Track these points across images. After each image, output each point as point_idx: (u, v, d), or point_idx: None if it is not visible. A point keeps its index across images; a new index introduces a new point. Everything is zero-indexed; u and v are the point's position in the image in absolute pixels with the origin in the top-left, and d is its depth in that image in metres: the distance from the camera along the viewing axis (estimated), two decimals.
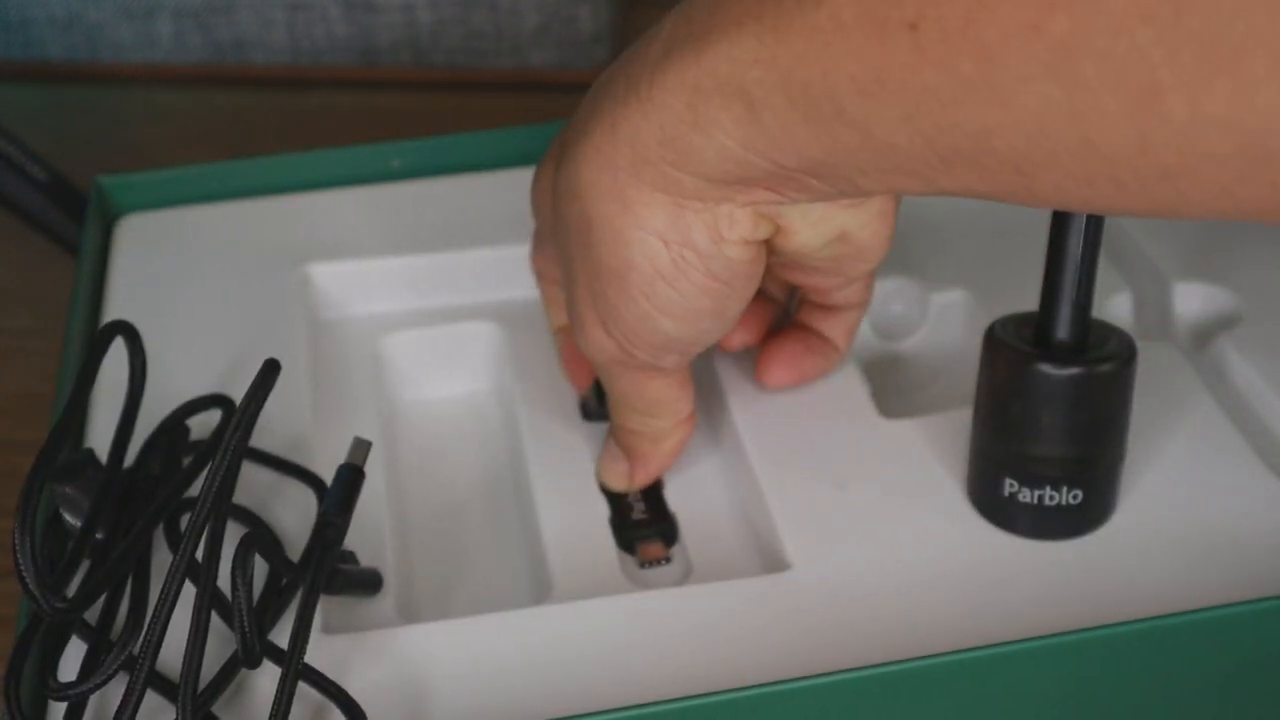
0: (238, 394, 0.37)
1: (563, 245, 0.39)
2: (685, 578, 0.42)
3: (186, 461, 0.40)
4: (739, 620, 0.38)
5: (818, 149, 0.32)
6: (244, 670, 0.36)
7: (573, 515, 0.43)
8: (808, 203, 0.35)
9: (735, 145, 0.33)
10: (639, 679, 0.37)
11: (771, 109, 0.32)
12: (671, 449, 0.43)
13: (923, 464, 0.42)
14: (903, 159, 0.31)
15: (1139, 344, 0.39)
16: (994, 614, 0.38)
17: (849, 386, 0.45)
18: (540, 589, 0.42)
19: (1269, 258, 0.49)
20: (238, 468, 0.35)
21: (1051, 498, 0.39)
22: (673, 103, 0.33)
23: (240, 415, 0.35)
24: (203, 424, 0.42)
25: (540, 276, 0.46)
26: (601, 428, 0.45)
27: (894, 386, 0.48)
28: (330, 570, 0.37)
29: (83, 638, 0.37)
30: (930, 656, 0.35)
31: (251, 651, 0.34)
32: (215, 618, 0.36)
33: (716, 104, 0.32)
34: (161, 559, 0.39)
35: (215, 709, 0.36)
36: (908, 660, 0.35)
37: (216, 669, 0.36)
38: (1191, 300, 0.48)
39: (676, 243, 0.36)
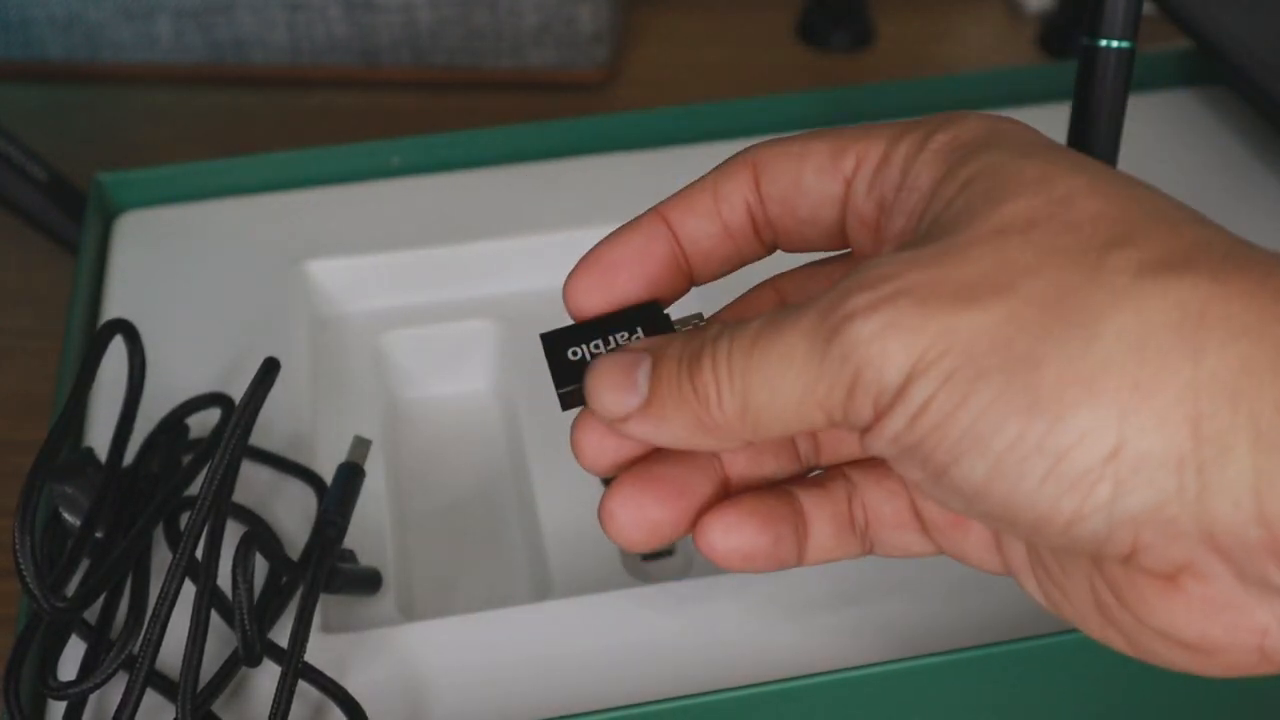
0: (237, 392, 0.37)
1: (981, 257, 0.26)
2: (687, 570, 0.42)
3: (186, 460, 0.40)
4: (742, 613, 0.38)
5: None
6: (244, 669, 0.36)
7: (573, 510, 0.42)
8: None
9: None
10: (642, 674, 0.37)
11: None
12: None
13: None
14: None
15: None
16: (994, 613, 0.38)
17: None
18: (541, 585, 0.42)
19: None
20: (237, 466, 0.35)
21: None
22: None
23: (240, 414, 0.35)
24: (202, 422, 0.42)
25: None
26: None
27: None
28: (330, 569, 0.37)
29: (82, 637, 0.37)
30: (930, 656, 0.35)
31: (252, 650, 0.34)
32: (215, 616, 0.36)
33: None
34: (161, 558, 0.39)
35: (215, 708, 0.36)
36: (908, 660, 0.35)
37: (216, 668, 0.36)
38: None
39: (1116, 471, 0.24)
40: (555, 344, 0.31)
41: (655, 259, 0.31)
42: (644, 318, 0.31)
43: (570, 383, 0.30)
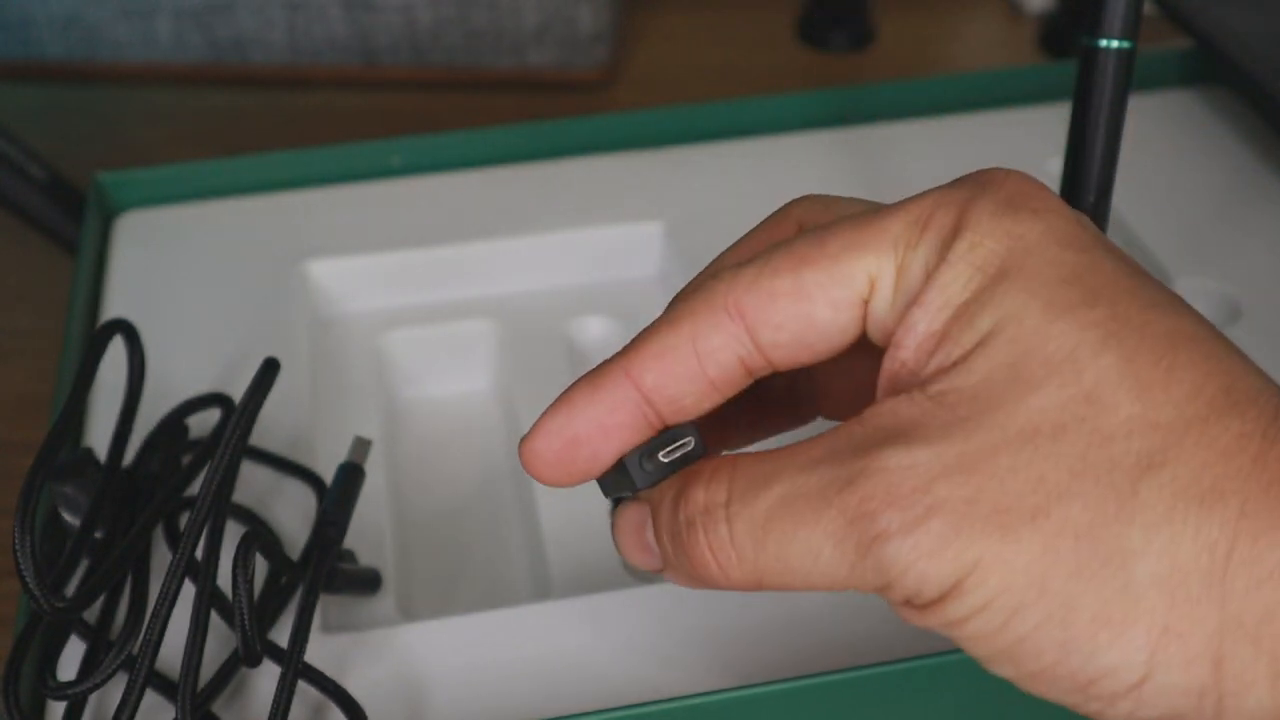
0: (237, 392, 0.37)
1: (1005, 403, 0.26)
2: None
3: (186, 460, 0.40)
4: (741, 614, 0.38)
5: None
6: (243, 669, 0.36)
7: (573, 510, 0.42)
8: None
9: None
10: (642, 674, 0.37)
11: None
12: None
13: None
14: None
15: None
16: None
17: None
18: (541, 585, 0.41)
19: (1270, 253, 0.49)
20: (237, 466, 0.35)
21: None
22: None
23: (240, 414, 0.35)
24: (202, 422, 0.42)
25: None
26: None
27: None
28: (330, 569, 0.37)
29: (82, 637, 0.37)
30: (930, 656, 0.35)
31: (252, 650, 0.34)
32: (214, 616, 0.36)
33: None
34: (161, 558, 0.39)
35: (215, 708, 0.36)
36: (908, 660, 0.35)
37: (216, 668, 0.36)
38: (1193, 295, 0.48)
39: (1143, 695, 0.25)
40: None
41: (621, 431, 0.29)
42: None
43: (613, 492, 0.30)
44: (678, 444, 0.29)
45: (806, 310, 0.28)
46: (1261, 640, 0.24)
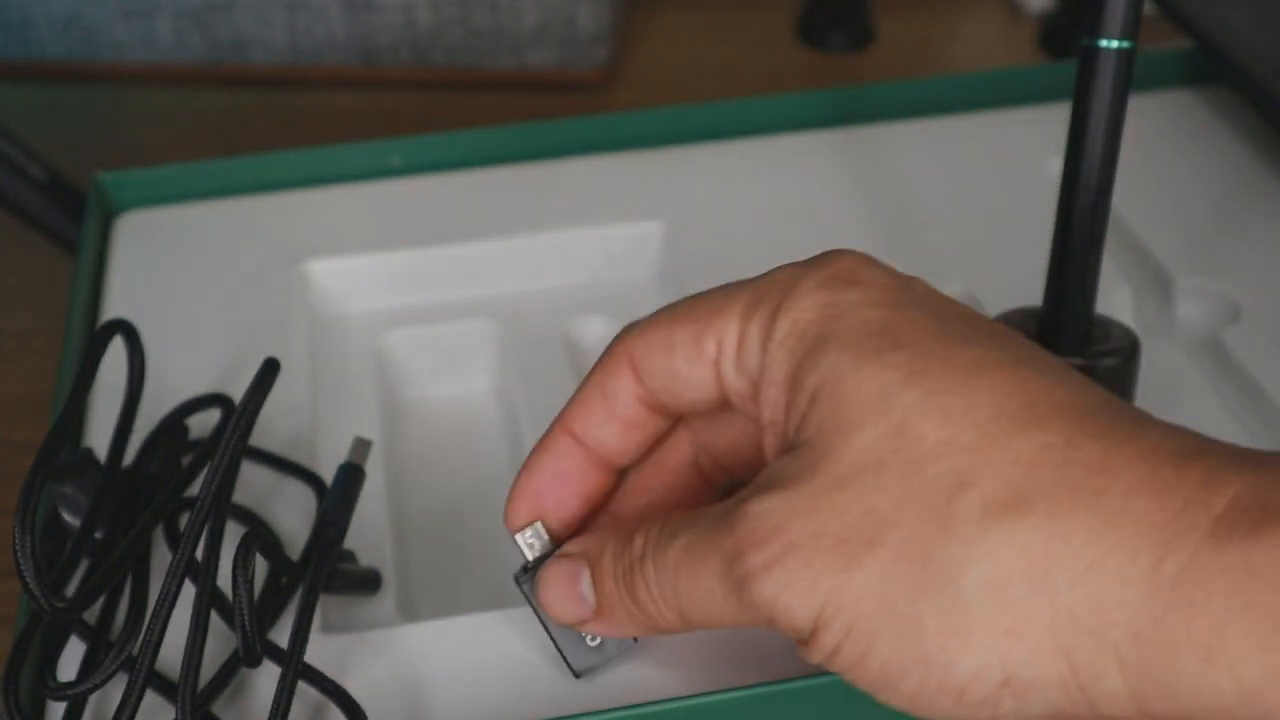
0: (237, 392, 0.37)
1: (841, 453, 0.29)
2: None
3: (186, 461, 0.40)
4: None
5: None
6: (243, 670, 0.36)
7: None
8: None
9: (1246, 686, 0.25)
10: (641, 675, 0.37)
11: None
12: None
13: None
14: None
15: (1141, 339, 0.39)
16: None
17: None
18: None
19: (1270, 254, 0.49)
20: (237, 467, 0.35)
21: None
22: (1199, 604, 0.26)
23: (240, 414, 0.35)
24: (202, 423, 0.42)
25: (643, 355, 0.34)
26: None
27: None
28: (330, 569, 0.37)
29: (82, 637, 0.37)
30: None
31: (253, 651, 0.34)
32: (214, 617, 0.36)
33: (1267, 632, 0.25)
34: (161, 559, 0.39)
35: (215, 708, 0.36)
36: None
37: (216, 668, 0.36)
38: (1193, 296, 0.48)
39: (1014, 695, 0.27)
40: None
41: (571, 475, 0.35)
42: None
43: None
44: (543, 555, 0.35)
45: (671, 362, 0.33)
46: (1099, 630, 0.26)
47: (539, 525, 0.35)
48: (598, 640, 0.36)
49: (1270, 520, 0.25)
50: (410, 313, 0.50)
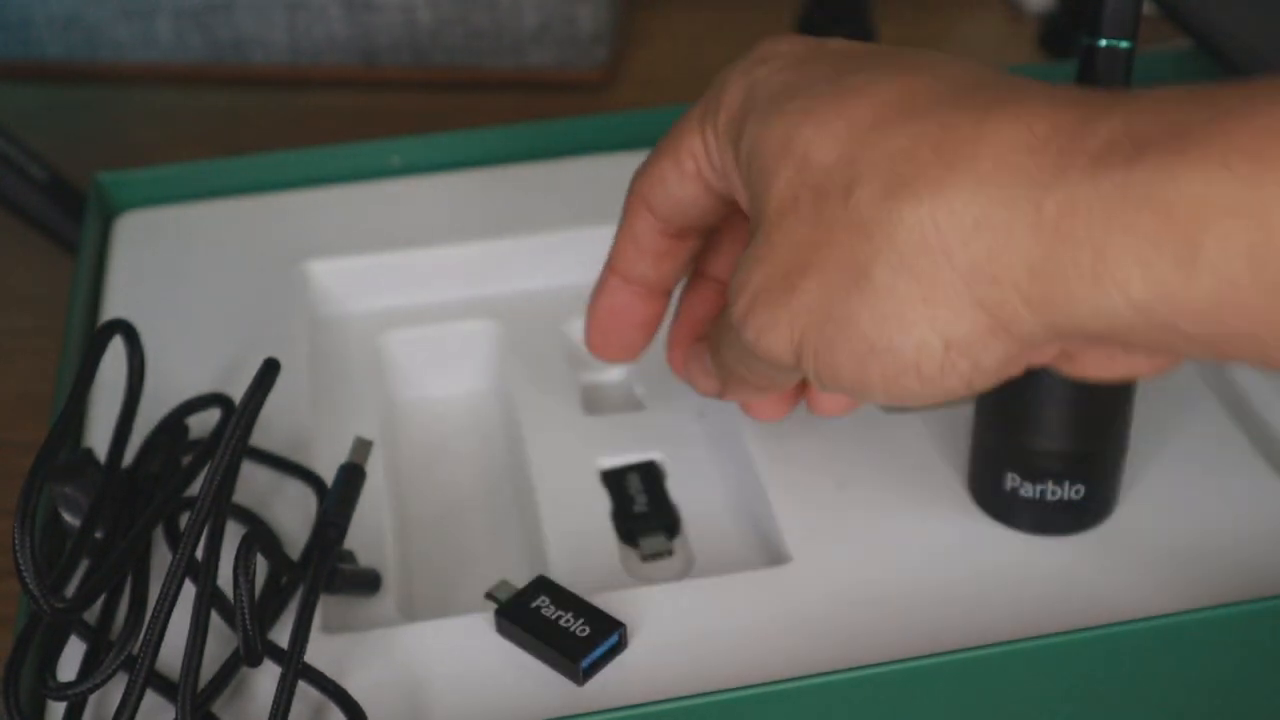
0: (237, 392, 0.37)
1: (800, 211, 0.31)
2: (687, 571, 0.42)
3: (186, 461, 0.40)
4: (740, 614, 0.38)
5: (1262, 326, 0.26)
6: (243, 669, 0.36)
7: (573, 510, 0.42)
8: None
9: (1135, 300, 0.27)
10: (640, 675, 0.37)
11: (1221, 270, 0.26)
12: (776, 393, 0.39)
13: (924, 458, 0.42)
14: None
15: None
16: (995, 610, 0.38)
17: None
18: None
19: None
20: (237, 467, 0.35)
21: (1053, 492, 0.39)
22: (1080, 234, 0.27)
23: (240, 414, 0.35)
24: (202, 423, 0.42)
25: (655, 182, 0.38)
26: (603, 420, 0.45)
27: None
28: (330, 569, 0.37)
29: (82, 637, 0.37)
30: (930, 656, 0.35)
31: (253, 650, 0.34)
32: (215, 617, 0.36)
33: (1145, 249, 0.27)
34: (161, 559, 0.39)
35: (215, 708, 0.36)
36: (908, 660, 0.35)
37: (216, 668, 0.36)
38: None
39: (960, 354, 0.30)
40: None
41: (624, 309, 0.40)
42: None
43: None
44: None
45: (668, 190, 0.37)
46: (998, 277, 0.28)
47: (506, 580, 0.39)
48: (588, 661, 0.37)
49: (1142, 150, 0.27)
50: (410, 313, 0.50)
